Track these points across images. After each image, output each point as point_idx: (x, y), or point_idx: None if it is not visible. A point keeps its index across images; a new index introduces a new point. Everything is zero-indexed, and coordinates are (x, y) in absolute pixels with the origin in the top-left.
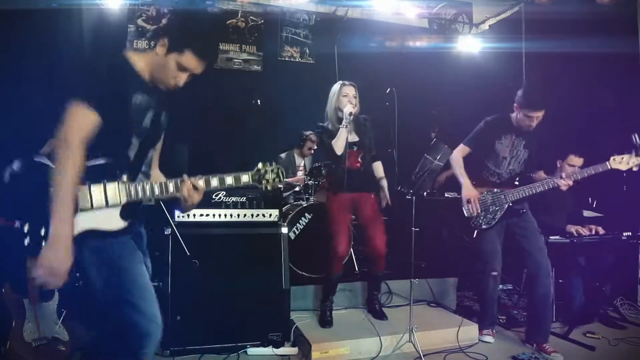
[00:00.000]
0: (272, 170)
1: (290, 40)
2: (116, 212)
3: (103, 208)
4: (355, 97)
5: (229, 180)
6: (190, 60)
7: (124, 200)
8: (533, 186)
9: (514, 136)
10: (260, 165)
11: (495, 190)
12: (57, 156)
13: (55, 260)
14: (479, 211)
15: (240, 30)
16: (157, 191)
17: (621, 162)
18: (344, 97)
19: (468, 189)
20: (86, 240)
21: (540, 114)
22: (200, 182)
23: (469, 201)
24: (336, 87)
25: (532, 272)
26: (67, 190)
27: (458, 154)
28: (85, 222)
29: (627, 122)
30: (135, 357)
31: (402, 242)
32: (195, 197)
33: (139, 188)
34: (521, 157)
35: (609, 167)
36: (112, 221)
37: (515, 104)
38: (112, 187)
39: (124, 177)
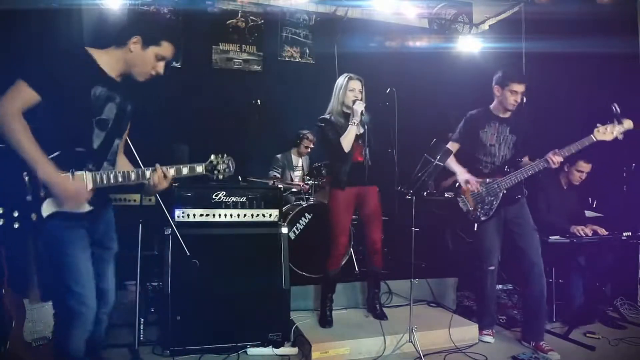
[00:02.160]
0: (223, 162)
1: (290, 40)
2: None
3: None
4: (361, 92)
5: (185, 170)
6: (167, 49)
7: (90, 186)
8: (524, 170)
9: (497, 123)
10: (212, 157)
11: (488, 180)
12: (4, 127)
13: (63, 187)
14: (480, 190)
15: (240, 30)
16: (133, 177)
17: (605, 133)
18: (350, 92)
19: (462, 173)
20: (48, 222)
21: (523, 89)
22: (171, 171)
23: (467, 181)
24: (342, 80)
25: (526, 271)
26: (29, 141)
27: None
28: (52, 206)
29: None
30: (70, 337)
31: (402, 242)
32: (163, 183)
33: (109, 175)
34: (509, 142)
35: (595, 139)
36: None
37: (495, 86)
38: (79, 175)
39: (90, 166)
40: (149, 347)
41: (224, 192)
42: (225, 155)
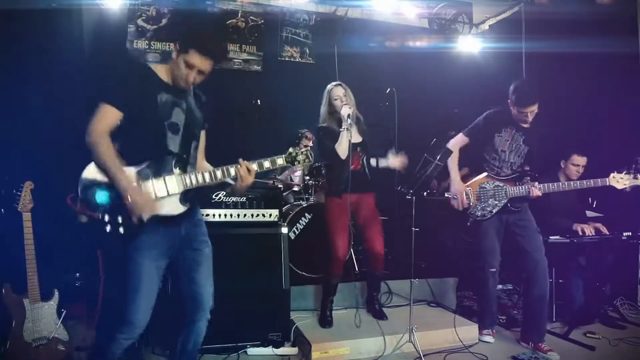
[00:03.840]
0: (302, 153)
1: (290, 40)
2: (176, 198)
3: (166, 197)
4: (346, 96)
5: (267, 164)
6: (194, 58)
7: (181, 188)
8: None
9: (514, 130)
10: (291, 149)
11: (498, 183)
12: (92, 146)
13: (135, 195)
14: (465, 205)
15: (240, 30)
16: (219, 175)
17: (618, 182)
18: (335, 101)
19: (456, 184)
20: (149, 225)
21: (533, 109)
22: (254, 165)
23: (455, 197)
24: (328, 88)
25: (530, 271)
26: (112, 162)
27: (456, 143)
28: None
29: (627, 122)
30: (111, 339)
31: (402, 242)
32: (248, 178)
33: (196, 176)
34: (521, 151)
35: (607, 184)
36: (173, 207)
37: (509, 100)
38: (171, 179)
39: (177, 170)
40: (149, 347)
41: (224, 192)
42: (302, 147)
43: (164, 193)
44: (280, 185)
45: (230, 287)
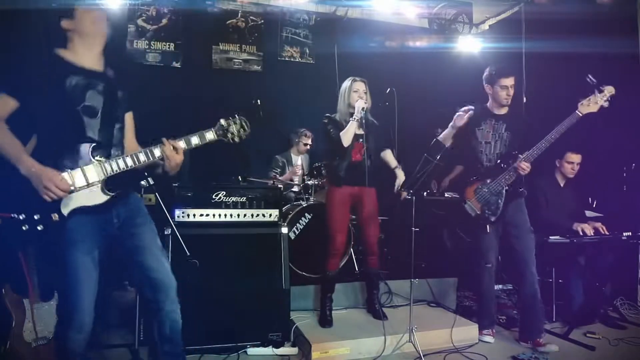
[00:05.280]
0: (235, 123)
1: (290, 40)
2: (97, 187)
3: (86, 187)
4: (365, 93)
5: (194, 140)
6: (81, 17)
7: (102, 176)
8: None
9: (494, 121)
10: (222, 120)
11: (488, 181)
12: None
13: (36, 174)
14: (483, 191)
15: (240, 30)
16: (143, 158)
17: (589, 105)
18: (354, 93)
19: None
20: (70, 220)
21: (512, 82)
22: (180, 143)
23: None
24: (347, 83)
25: (520, 271)
26: (9, 146)
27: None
28: (71, 202)
29: (626, 122)
30: (66, 338)
31: (402, 242)
32: (176, 157)
33: (117, 161)
34: (505, 139)
35: (581, 114)
36: (95, 196)
37: (486, 85)
38: (90, 168)
39: (98, 157)
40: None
41: (224, 192)
42: (236, 116)
43: (83, 183)
44: (280, 186)
45: (230, 287)
